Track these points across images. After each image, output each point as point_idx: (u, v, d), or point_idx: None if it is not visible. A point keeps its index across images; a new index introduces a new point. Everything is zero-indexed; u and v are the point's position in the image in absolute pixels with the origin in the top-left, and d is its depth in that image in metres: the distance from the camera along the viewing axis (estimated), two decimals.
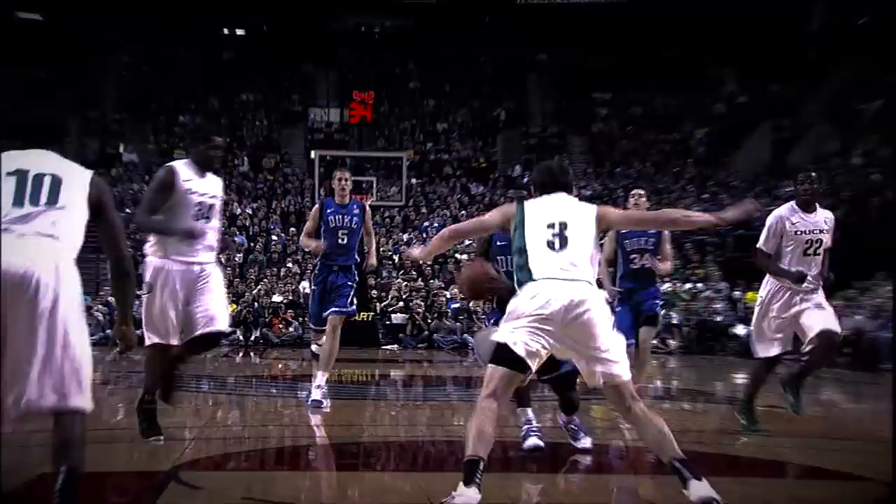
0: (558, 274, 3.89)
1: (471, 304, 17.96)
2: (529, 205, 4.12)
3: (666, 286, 15.39)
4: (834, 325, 6.08)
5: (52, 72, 27.34)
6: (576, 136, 29.61)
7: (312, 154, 25.52)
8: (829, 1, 31.11)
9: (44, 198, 3.08)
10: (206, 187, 5.23)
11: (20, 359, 2.89)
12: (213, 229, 5.25)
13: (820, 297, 6.19)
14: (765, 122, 26.81)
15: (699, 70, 30.61)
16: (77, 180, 3.22)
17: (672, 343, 16.95)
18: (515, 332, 3.79)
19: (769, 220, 6.31)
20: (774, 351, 6.27)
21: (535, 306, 3.79)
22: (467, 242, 21.66)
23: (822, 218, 6.26)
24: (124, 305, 3.55)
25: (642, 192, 7.62)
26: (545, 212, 4.06)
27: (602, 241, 6.96)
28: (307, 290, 14.42)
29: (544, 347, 3.80)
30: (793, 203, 6.30)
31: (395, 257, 20.90)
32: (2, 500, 3.23)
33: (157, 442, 5.17)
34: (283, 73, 31.38)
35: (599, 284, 4.34)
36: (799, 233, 6.15)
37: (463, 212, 24.03)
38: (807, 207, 6.23)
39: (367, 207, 7.71)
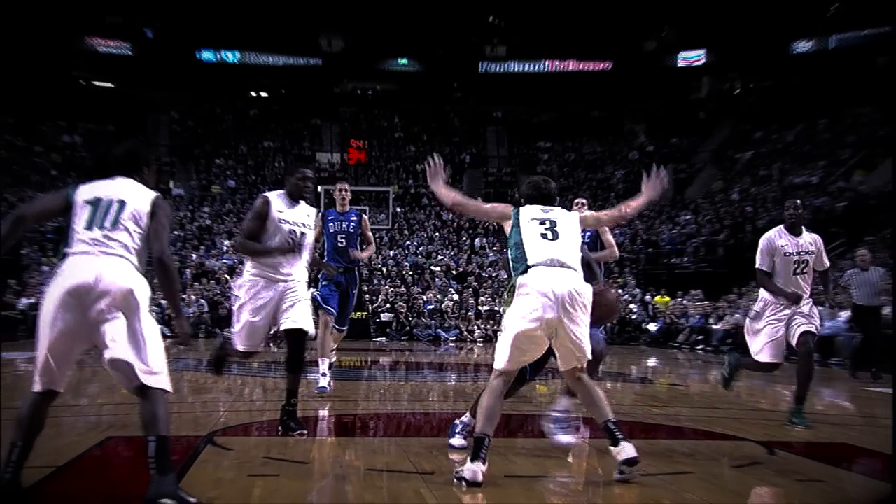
0: (552, 261, 3.58)
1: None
2: (523, 209, 3.84)
3: None
4: (811, 329, 5.45)
5: (119, 126, 27.38)
6: (524, 175, 29.79)
7: (319, 189, 25.40)
8: (713, 76, 31.85)
9: (109, 222, 2.99)
10: (296, 216, 4.65)
11: (105, 350, 2.84)
12: (301, 255, 4.67)
13: (808, 312, 5.50)
14: (667, 165, 27.12)
15: (618, 126, 31.08)
16: (140, 201, 3.08)
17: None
18: (516, 345, 3.53)
19: (761, 242, 5.63)
20: (764, 357, 5.53)
21: (535, 304, 3.48)
22: (440, 257, 21.73)
23: (809, 240, 5.58)
24: (170, 299, 3.16)
25: (584, 200, 6.84)
26: (536, 213, 3.79)
27: None
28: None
29: (540, 349, 3.59)
30: (781, 227, 5.64)
31: (384, 269, 20.82)
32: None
33: (216, 375, 5.27)
34: (296, 125, 31.31)
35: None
36: (787, 254, 5.50)
37: (437, 233, 24.10)
38: (793, 230, 5.58)
39: (365, 216, 6.99)
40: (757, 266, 5.60)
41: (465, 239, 23.67)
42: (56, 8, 27.08)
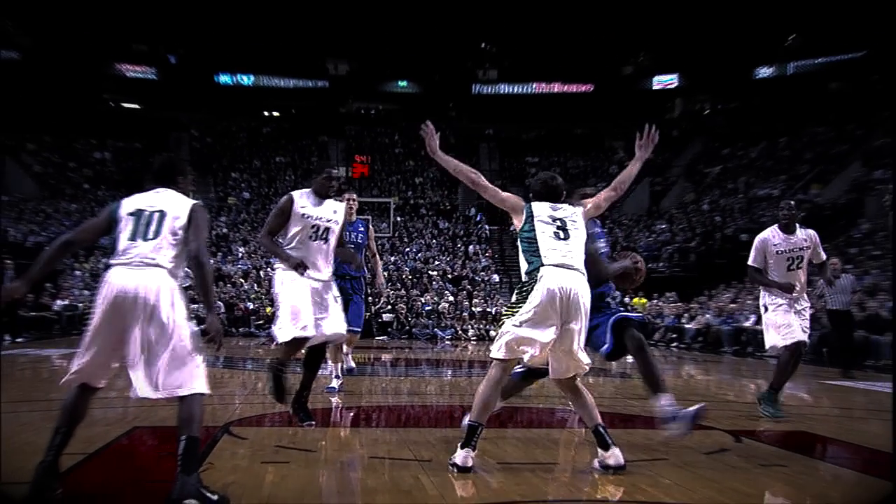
0: (563, 262, 3.39)
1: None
2: (535, 205, 3.63)
3: None
4: (804, 333, 5.33)
5: (145, 143, 27.38)
6: (513, 188, 29.83)
7: None
8: (685, 98, 32.09)
9: (151, 233, 2.92)
10: (321, 212, 4.43)
11: (139, 357, 2.79)
12: (328, 249, 4.45)
13: (805, 315, 5.37)
14: (644, 179, 27.32)
15: (599, 142, 31.18)
16: (179, 210, 3.00)
17: None
18: (517, 339, 3.34)
19: (755, 241, 5.47)
20: (786, 340, 5.23)
21: (545, 303, 3.30)
22: (437, 262, 21.71)
23: (803, 237, 5.42)
24: (203, 296, 2.99)
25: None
26: (547, 210, 3.58)
27: None
28: None
29: (539, 349, 3.35)
30: (775, 226, 5.47)
31: (385, 273, 20.77)
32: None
33: (282, 406, 4.48)
34: (305, 142, 31.32)
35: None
36: (780, 252, 5.36)
37: (434, 241, 24.08)
38: (787, 229, 5.42)
39: (371, 226, 6.64)
40: (748, 263, 5.47)
41: (459, 246, 23.69)
42: (88, 37, 27.39)
